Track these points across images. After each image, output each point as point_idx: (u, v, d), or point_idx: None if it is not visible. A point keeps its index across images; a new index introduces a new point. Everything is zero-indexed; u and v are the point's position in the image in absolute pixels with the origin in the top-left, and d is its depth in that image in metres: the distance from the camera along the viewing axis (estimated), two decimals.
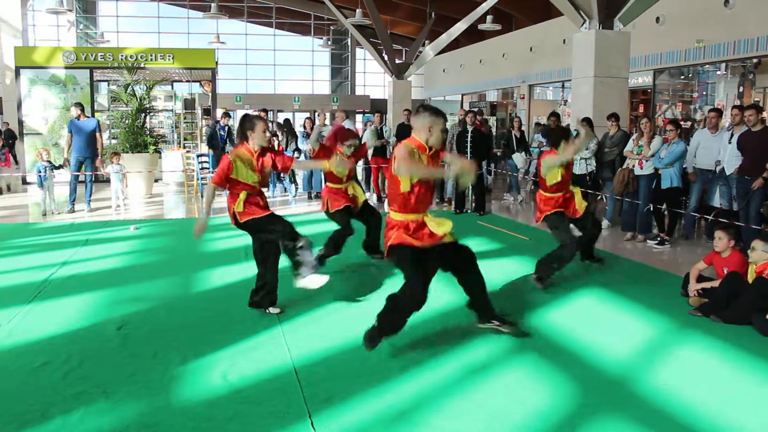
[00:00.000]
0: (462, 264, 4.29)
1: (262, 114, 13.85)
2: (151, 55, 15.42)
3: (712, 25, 12.78)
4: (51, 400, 3.44)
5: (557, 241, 5.81)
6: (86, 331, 4.58)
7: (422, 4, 23.07)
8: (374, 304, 5.23)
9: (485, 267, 4.12)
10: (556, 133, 5.92)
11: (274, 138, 12.49)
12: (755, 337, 4.48)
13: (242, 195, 4.76)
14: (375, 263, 6.57)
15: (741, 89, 13.31)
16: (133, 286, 5.80)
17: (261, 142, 4.76)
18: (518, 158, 11.92)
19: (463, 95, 25.89)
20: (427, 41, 22.42)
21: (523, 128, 12.86)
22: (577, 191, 6.01)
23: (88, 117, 10.88)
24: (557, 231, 5.82)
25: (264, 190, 5.01)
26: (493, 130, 18.74)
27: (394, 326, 4.06)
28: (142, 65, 14.92)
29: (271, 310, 4.97)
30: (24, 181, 14.38)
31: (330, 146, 6.56)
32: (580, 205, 5.92)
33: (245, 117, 4.88)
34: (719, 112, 8.20)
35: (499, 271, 6.24)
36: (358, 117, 30.91)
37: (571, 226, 5.95)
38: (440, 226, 4.05)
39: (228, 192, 4.85)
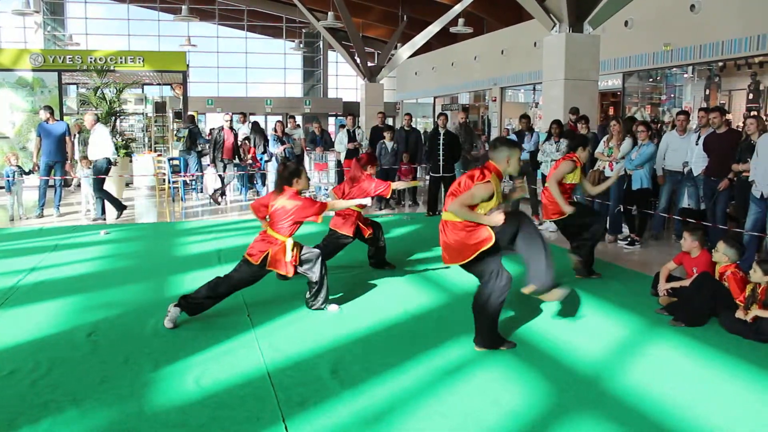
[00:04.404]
0: None
1: (242, 118, 13.67)
2: (120, 58, 15.25)
3: (679, 29, 12.99)
4: (18, 409, 3.36)
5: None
6: (55, 338, 4.50)
7: (394, 7, 23.12)
8: (348, 307, 5.22)
9: (460, 271, 4.11)
10: (576, 138, 6.16)
11: (246, 141, 12.39)
12: (723, 335, 4.57)
13: (289, 243, 4.83)
14: (344, 266, 6.54)
15: (707, 92, 13.56)
16: (103, 292, 5.71)
17: (304, 186, 4.93)
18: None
19: (435, 98, 25.97)
20: (399, 44, 22.47)
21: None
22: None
23: (57, 120, 10.71)
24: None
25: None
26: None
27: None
28: (111, 68, 14.74)
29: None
30: None
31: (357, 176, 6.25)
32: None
33: (289, 164, 5.07)
34: (688, 115, 8.34)
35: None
36: (331, 120, 30.87)
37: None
38: None
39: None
